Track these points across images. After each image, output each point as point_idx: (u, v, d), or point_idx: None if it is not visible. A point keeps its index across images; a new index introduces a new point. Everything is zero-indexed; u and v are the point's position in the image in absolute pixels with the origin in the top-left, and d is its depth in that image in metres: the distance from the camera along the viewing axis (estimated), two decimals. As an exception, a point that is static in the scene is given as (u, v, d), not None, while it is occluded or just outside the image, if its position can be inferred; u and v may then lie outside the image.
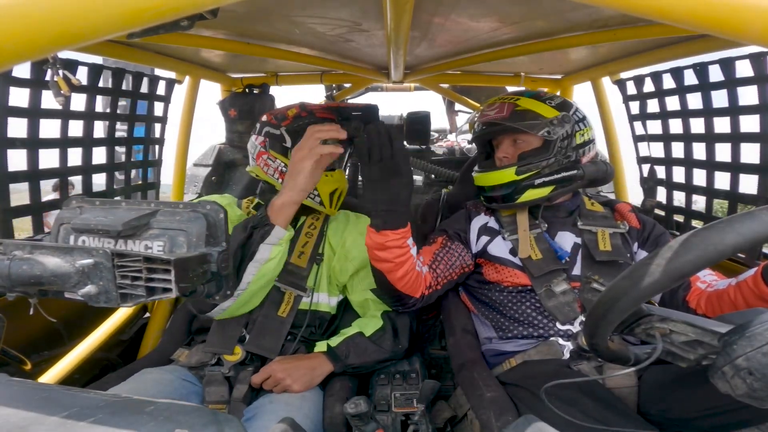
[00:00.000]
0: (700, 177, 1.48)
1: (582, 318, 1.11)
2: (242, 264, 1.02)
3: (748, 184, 1.30)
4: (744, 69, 1.24)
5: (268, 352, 1.15)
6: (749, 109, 1.27)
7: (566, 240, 1.22)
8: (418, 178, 2.42)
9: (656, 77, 1.54)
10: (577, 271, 1.17)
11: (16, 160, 1.15)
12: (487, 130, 1.26)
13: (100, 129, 1.43)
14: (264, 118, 1.28)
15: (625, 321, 0.64)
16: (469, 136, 3.14)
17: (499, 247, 1.24)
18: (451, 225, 1.32)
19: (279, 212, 1.04)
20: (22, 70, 1.44)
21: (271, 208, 1.05)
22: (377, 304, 1.25)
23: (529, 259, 1.18)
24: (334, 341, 1.17)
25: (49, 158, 1.26)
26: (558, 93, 1.91)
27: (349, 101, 2.51)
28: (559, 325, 1.11)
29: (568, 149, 1.19)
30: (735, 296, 0.95)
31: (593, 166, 1.21)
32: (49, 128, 1.25)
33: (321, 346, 1.17)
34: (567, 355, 1.08)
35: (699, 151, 1.47)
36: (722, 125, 1.36)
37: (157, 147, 1.71)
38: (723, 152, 1.38)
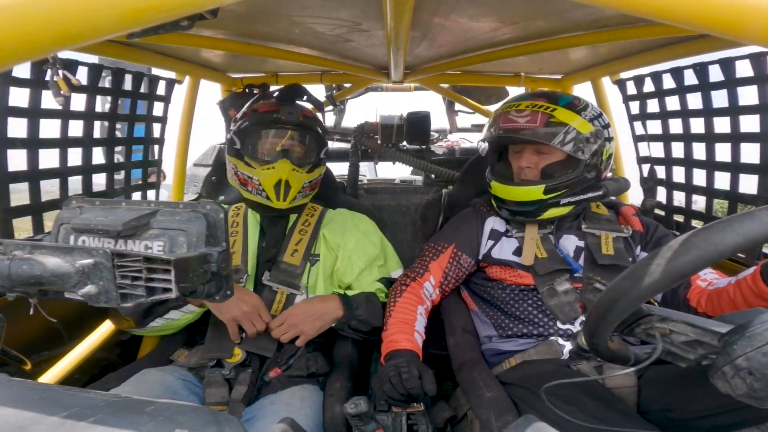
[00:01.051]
0: (700, 177, 1.48)
1: (582, 318, 1.11)
2: (150, 313, 1.11)
3: (748, 184, 1.30)
4: (744, 69, 1.24)
5: (264, 351, 1.15)
6: (749, 109, 1.27)
7: (570, 243, 1.22)
8: (418, 178, 2.42)
9: (656, 77, 1.54)
10: (579, 273, 1.17)
11: (16, 160, 1.15)
12: (513, 137, 1.17)
13: (99, 129, 1.43)
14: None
15: (626, 321, 0.64)
16: (468, 135, 3.15)
17: (504, 250, 1.23)
18: (461, 228, 1.29)
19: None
20: (22, 70, 1.44)
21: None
22: (384, 292, 1.29)
23: (534, 257, 1.18)
24: (351, 293, 1.24)
25: (49, 158, 1.26)
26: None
27: (349, 101, 2.51)
28: (559, 324, 1.11)
29: (593, 166, 1.14)
30: (734, 294, 0.96)
31: (615, 183, 1.18)
32: (49, 128, 1.25)
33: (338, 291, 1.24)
34: (566, 355, 1.08)
35: (699, 151, 1.47)
36: (722, 125, 1.36)
37: (156, 147, 1.71)
38: (723, 152, 1.38)
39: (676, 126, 1.54)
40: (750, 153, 1.29)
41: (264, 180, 1.21)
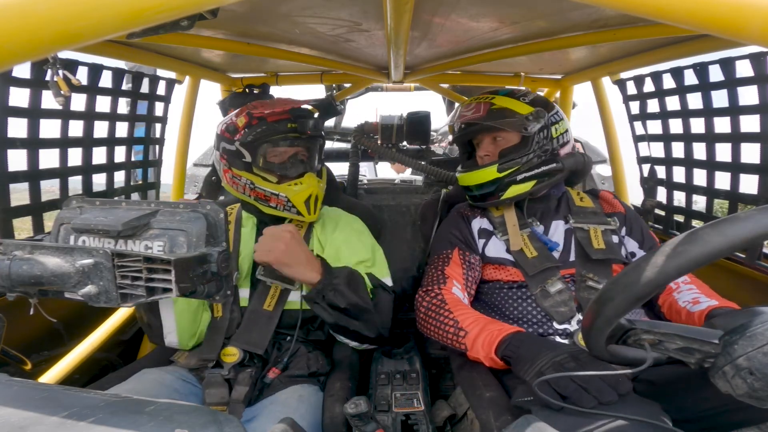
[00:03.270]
0: (700, 177, 1.49)
1: (579, 316, 1.11)
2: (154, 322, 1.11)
3: (748, 184, 1.30)
4: (744, 69, 1.24)
5: (254, 347, 1.14)
6: (749, 109, 1.27)
7: (559, 229, 1.25)
8: (418, 178, 2.42)
9: (656, 77, 1.54)
10: (572, 261, 1.19)
11: (16, 160, 1.15)
12: (466, 130, 1.29)
13: (100, 129, 1.43)
14: (218, 130, 1.24)
15: (614, 334, 0.63)
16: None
17: (496, 248, 1.25)
18: (455, 233, 1.31)
19: None
20: (22, 70, 1.44)
21: None
22: (370, 288, 1.23)
23: (523, 256, 1.19)
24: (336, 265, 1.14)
25: (49, 158, 1.26)
26: (558, 93, 1.91)
27: (349, 101, 2.51)
28: (556, 325, 1.12)
29: (546, 143, 1.22)
30: (686, 322, 1.02)
31: (572, 158, 1.24)
32: (49, 128, 1.25)
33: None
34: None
35: (699, 151, 1.47)
36: (722, 125, 1.37)
37: (157, 147, 1.71)
38: (723, 152, 1.38)
39: (676, 126, 1.55)
40: (750, 153, 1.30)
41: (294, 197, 1.16)
